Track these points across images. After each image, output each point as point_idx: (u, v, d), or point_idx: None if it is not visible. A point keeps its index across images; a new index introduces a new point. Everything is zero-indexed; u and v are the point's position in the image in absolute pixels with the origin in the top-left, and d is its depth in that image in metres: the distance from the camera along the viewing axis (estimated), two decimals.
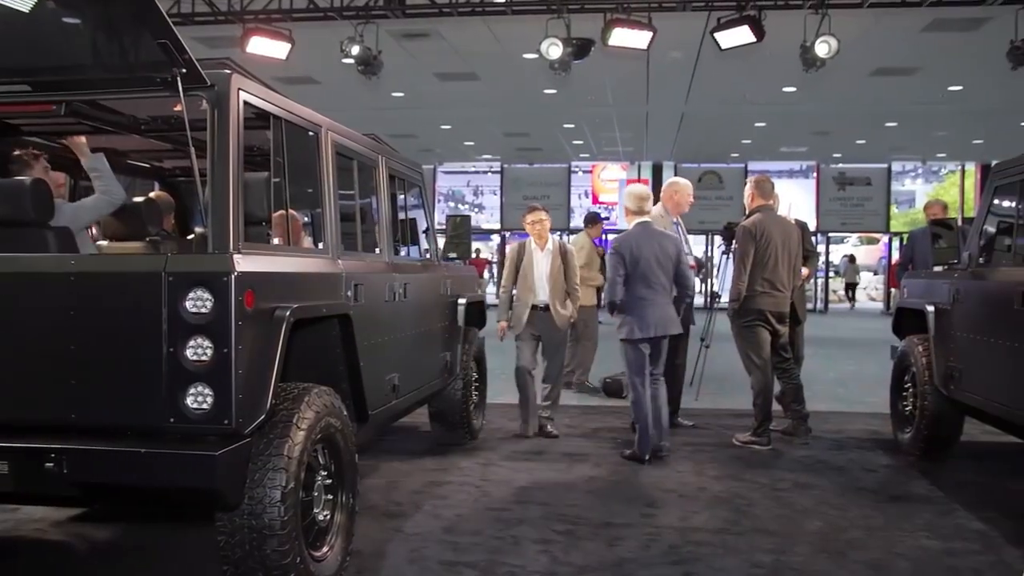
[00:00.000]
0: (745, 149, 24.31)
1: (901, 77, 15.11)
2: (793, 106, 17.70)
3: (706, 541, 4.59)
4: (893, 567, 4.26)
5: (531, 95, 16.90)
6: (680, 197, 7.35)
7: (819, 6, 10.32)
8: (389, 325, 5.00)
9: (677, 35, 12.08)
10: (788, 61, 11.38)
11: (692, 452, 6.69)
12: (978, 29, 11.94)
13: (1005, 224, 5.68)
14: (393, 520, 4.87)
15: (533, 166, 27.97)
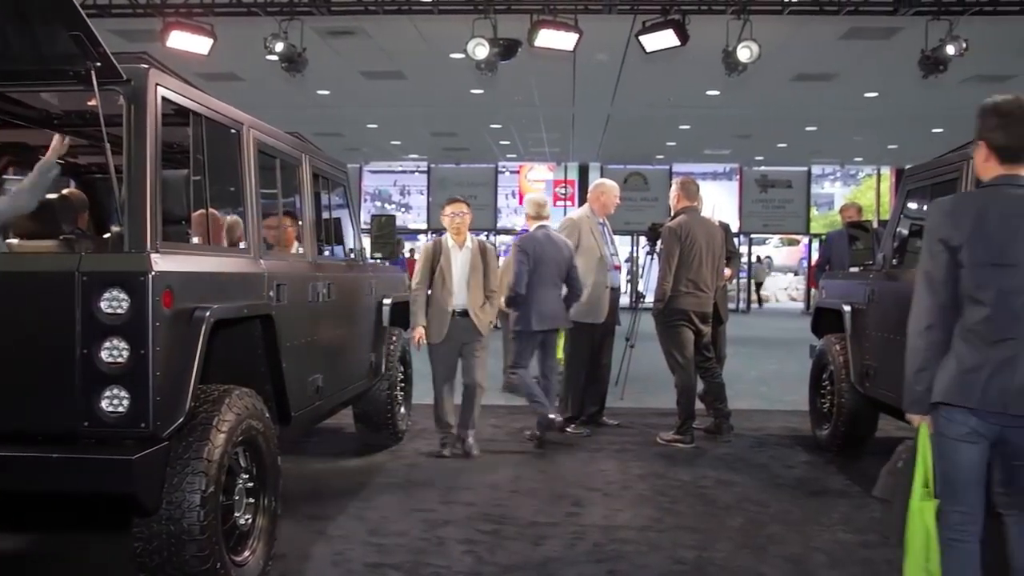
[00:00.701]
0: (670, 151, 24.65)
1: (820, 83, 15.48)
2: (716, 109, 18.00)
3: (630, 539, 4.64)
4: (811, 560, 4.36)
5: (458, 95, 16.87)
6: (606, 198, 7.42)
7: (741, 12, 10.51)
8: (312, 326, 4.94)
9: (603, 37, 12.18)
10: (711, 65, 11.57)
11: (617, 451, 6.75)
12: (892, 38, 12.30)
13: (917, 226, 5.85)
14: (317, 523, 4.81)
15: (460, 166, 27.93)
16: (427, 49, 13.48)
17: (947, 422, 2.99)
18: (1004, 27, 11.19)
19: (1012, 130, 2.99)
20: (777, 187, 27.42)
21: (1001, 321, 2.88)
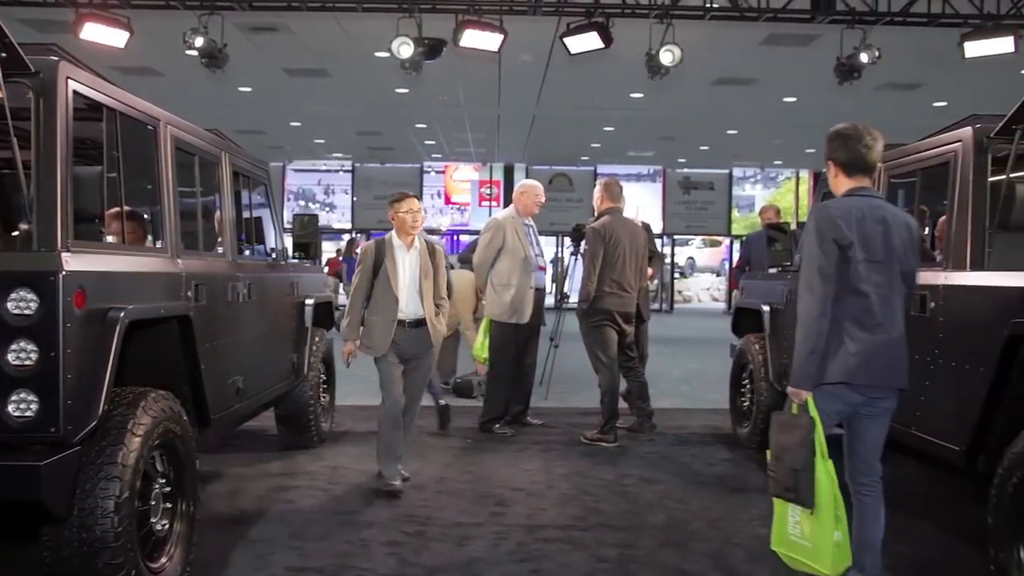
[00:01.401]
0: (595, 152, 24.87)
1: (741, 87, 15.78)
2: (640, 112, 18.21)
3: (553, 538, 4.66)
4: (731, 556, 4.44)
5: (383, 94, 16.75)
6: (528, 199, 7.45)
7: (664, 16, 10.65)
8: (232, 326, 4.85)
9: (528, 38, 12.23)
10: (635, 68, 11.70)
11: (541, 450, 6.78)
12: (809, 45, 12.61)
13: None
14: (237, 527, 4.72)
15: (385, 165, 27.72)
16: (351, 47, 13.36)
17: (827, 398, 3.51)
18: (914, 37, 11.56)
19: (851, 148, 3.62)
20: (699, 189, 27.88)
21: (877, 310, 3.45)
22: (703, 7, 10.77)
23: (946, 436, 4.10)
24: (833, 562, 3.44)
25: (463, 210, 28.44)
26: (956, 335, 4.11)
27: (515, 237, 7.25)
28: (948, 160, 4.37)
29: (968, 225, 4.13)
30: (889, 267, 3.49)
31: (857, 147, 3.61)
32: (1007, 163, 4.01)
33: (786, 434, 3.59)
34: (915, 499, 5.53)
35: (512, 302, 7.17)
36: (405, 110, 18.78)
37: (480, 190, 28.01)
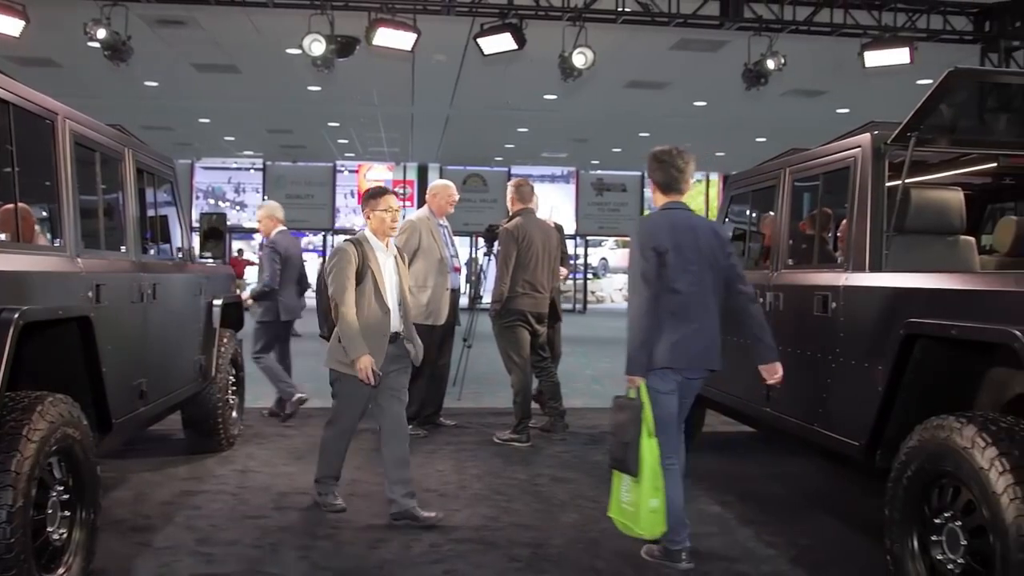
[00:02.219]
0: (508, 153, 24.96)
1: (653, 90, 16.03)
2: (554, 113, 18.35)
3: (466, 539, 4.65)
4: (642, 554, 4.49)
5: (295, 91, 16.51)
6: (441, 199, 7.42)
7: (576, 18, 10.76)
8: (136, 328, 4.71)
9: (442, 38, 12.20)
10: (549, 70, 11.78)
11: (454, 451, 6.77)
12: (718, 51, 12.89)
13: (740, 230, 6.16)
14: (141, 534, 4.59)
15: (297, 164, 27.34)
16: (262, 43, 13.13)
17: (661, 380, 4.18)
18: (818, 46, 11.93)
19: (666, 170, 4.28)
20: (612, 191, 28.23)
21: (691, 305, 4.12)
22: (615, 11, 10.91)
23: (847, 432, 4.23)
24: (649, 525, 4.16)
25: None
26: (856, 334, 4.24)
27: (430, 238, 7.22)
28: (848, 165, 4.51)
29: (867, 228, 4.26)
30: (700, 269, 4.14)
31: (671, 170, 4.27)
32: (903, 168, 4.16)
33: (621, 413, 4.26)
34: (819, 494, 5.71)
35: (428, 303, 7.13)
36: (317, 108, 18.55)
37: (394, 190, 27.82)
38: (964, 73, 3.84)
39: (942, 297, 3.55)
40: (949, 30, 11.78)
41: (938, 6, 11.59)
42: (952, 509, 3.32)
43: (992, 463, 3.04)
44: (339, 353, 4.86)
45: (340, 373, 4.92)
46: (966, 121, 4.33)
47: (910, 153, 4.09)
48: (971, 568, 3.21)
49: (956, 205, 4.33)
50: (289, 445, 6.85)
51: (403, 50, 10.62)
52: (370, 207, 5.01)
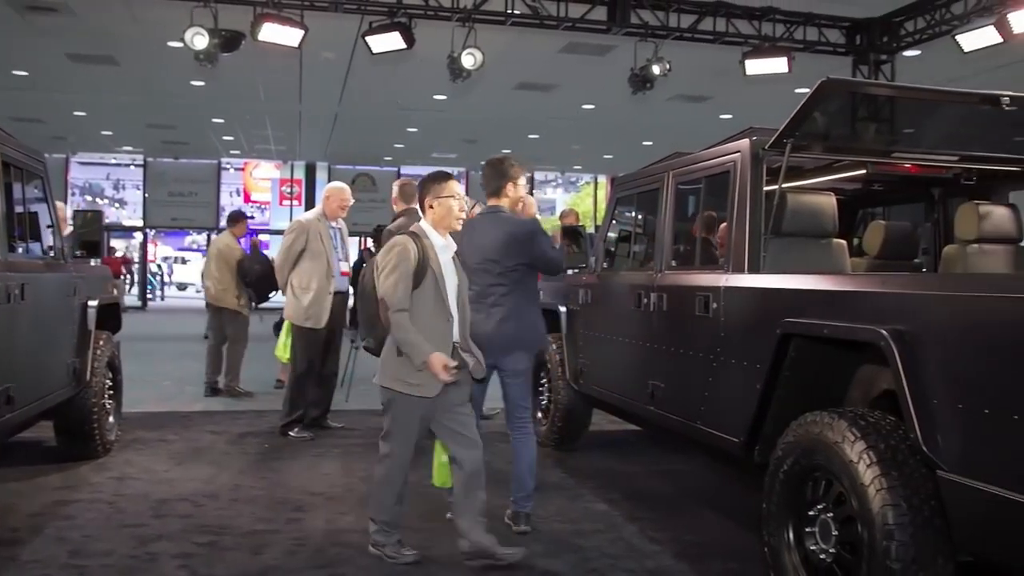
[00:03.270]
0: (398, 153, 24.80)
1: (542, 92, 16.17)
2: (444, 113, 18.32)
3: (353, 542, 4.59)
4: (529, 551, 4.51)
5: (177, 86, 16.02)
6: (334, 202, 7.35)
7: (466, 19, 10.77)
8: (2, 330, 4.49)
9: (330, 35, 12.04)
10: (438, 70, 11.75)
11: (341, 454, 6.68)
12: (606, 55, 13.10)
13: (625, 232, 6.26)
14: (7, 548, 4.37)
15: (179, 161, 26.53)
16: (142, 34, 12.70)
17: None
18: (702, 52, 12.25)
19: (488, 177, 4.88)
20: None
21: (488, 299, 4.69)
22: (504, 12, 10.97)
23: (727, 429, 4.35)
24: (438, 477, 4.74)
25: (264, 209, 27.66)
26: (735, 334, 4.37)
27: (318, 240, 7.13)
28: (728, 169, 4.64)
29: (746, 230, 4.39)
30: (493, 266, 4.69)
31: (491, 177, 4.88)
32: (780, 173, 4.30)
33: None
34: (702, 490, 5.86)
35: (309, 306, 7.04)
36: (201, 104, 18.03)
37: (281, 189, 27.33)
38: (836, 83, 3.99)
39: (815, 297, 3.69)
40: (824, 42, 12.29)
41: (814, 19, 12.07)
42: (824, 501, 3.45)
43: (860, 456, 3.17)
44: (396, 367, 4.09)
45: (396, 393, 4.14)
46: (838, 129, 4.51)
47: (786, 159, 4.24)
48: (841, 557, 3.35)
49: (829, 209, 4.50)
50: (170, 450, 6.65)
51: (290, 46, 10.43)
52: (432, 194, 4.26)
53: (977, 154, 4.74)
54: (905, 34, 12.09)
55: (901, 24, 12.09)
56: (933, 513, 3.05)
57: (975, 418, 2.88)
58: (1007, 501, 2.72)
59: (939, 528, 3.04)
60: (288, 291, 7.21)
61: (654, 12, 11.42)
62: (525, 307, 4.83)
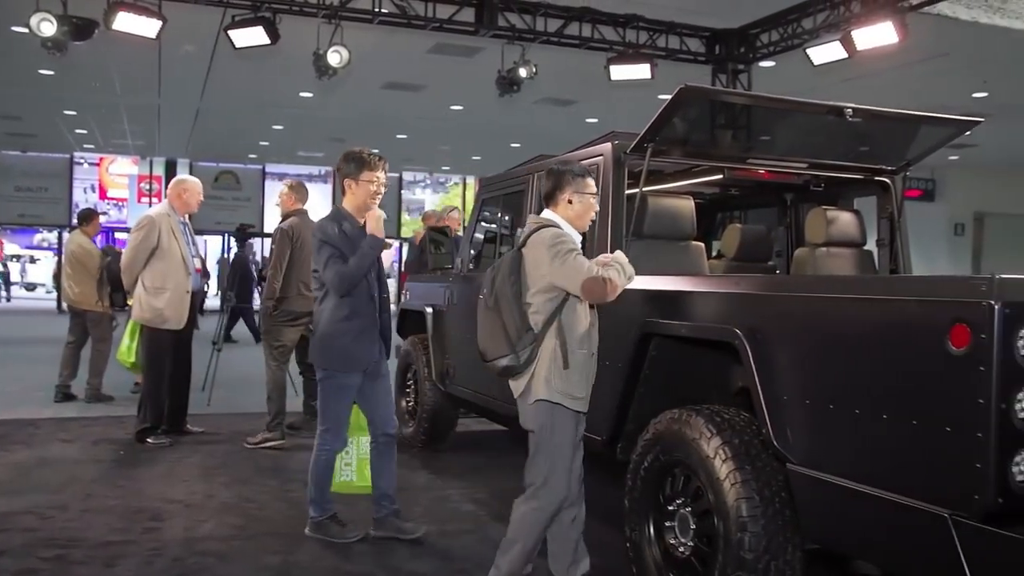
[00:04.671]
0: (263, 151, 24.21)
1: (410, 92, 16.07)
2: (310, 111, 17.98)
3: (213, 550, 4.47)
4: (395, 554, 4.51)
5: (23, 74, 15.13)
6: (188, 196, 7.11)
7: (332, 16, 10.60)
8: None
9: (191, 28, 11.66)
10: (304, 67, 11.52)
11: (201, 459, 6.48)
12: (474, 57, 13.13)
13: (491, 233, 6.30)
14: None
15: (27, 154, 25.10)
16: None
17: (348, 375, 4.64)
18: (569, 57, 12.44)
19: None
20: None
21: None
22: (372, 11, 10.86)
23: (591, 427, 4.42)
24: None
25: (121, 206, 26.53)
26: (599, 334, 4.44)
27: (170, 236, 6.87)
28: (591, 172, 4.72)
29: (608, 233, 4.48)
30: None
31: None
32: (641, 177, 4.41)
33: None
34: None
35: (166, 306, 6.80)
36: (50, 94, 17.08)
37: (139, 185, 26.28)
38: (693, 91, 4.12)
39: (674, 298, 3.80)
40: (685, 50, 12.67)
41: (676, 28, 12.43)
42: (683, 496, 3.57)
43: (716, 452, 3.29)
44: (564, 381, 3.66)
45: (561, 408, 3.70)
46: (696, 135, 4.66)
47: (647, 162, 4.35)
48: (699, 550, 3.46)
49: (688, 212, 4.65)
50: (13, 460, 6.30)
51: (147, 37, 10.03)
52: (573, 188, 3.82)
53: (825, 162, 4.99)
54: (760, 46, 12.59)
55: (757, 36, 12.58)
56: (784, 505, 3.20)
57: (821, 413, 3.02)
58: (850, 491, 2.87)
59: (789, 519, 3.19)
60: (139, 291, 6.90)
61: (521, 15, 11.52)
62: (321, 317, 4.62)
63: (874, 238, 5.27)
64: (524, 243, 3.72)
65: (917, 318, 2.69)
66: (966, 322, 2.49)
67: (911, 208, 5.49)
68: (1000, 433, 2.44)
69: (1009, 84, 14.22)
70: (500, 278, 3.68)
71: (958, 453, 2.53)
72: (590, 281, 3.54)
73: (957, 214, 24.30)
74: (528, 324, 3.60)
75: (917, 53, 11.49)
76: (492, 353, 3.66)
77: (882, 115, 4.51)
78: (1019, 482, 2.48)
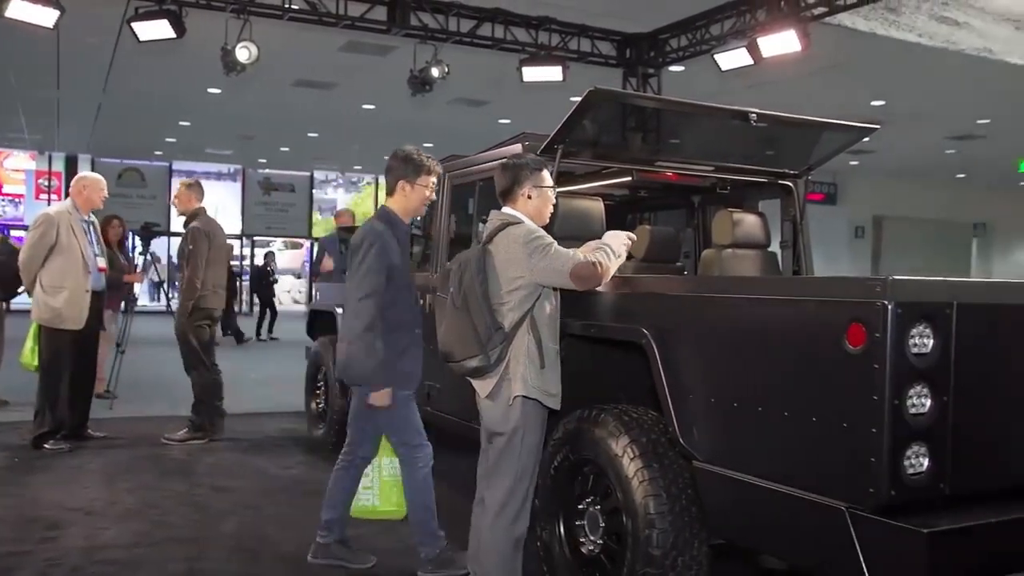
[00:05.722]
0: (169, 148, 23.60)
1: (321, 90, 15.87)
2: (218, 108, 17.59)
3: (115, 558, 4.34)
4: (304, 557, 4.43)
5: None
6: (90, 193, 6.89)
7: (241, 11, 10.39)
8: None
9: (92, 19, 11.29)
10: (212, 62, 11.27)
11: (103, 465, 6.28)
12: (387, 55, 13.04)
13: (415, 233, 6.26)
14: None
15: None
16: None
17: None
18: (481, 58, 12.46)
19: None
20: (280, 190, 27.63)
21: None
22: (282, 7, 10.69)
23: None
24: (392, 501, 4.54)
25: (17, 203, 25.54)
26: None
27: (70, 234, 6.64)
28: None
29: None
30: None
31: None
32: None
33: None
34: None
35: (64, 306, 6.58)
36: None
37: (38, 182, 25.34)
38: (602, 93, 4.17)
39: (584, 299, 3.83)
40: (597, 54, 12.81)
41: (588, 31, 12.56)
42: (593, 495, 3.61)
43: (625, 450, 3.34)
44: (539, 377, 3.55)
45: (531, 403, 3.58)
46: (606, 137, 4.71)
47: (557, 164, 4.38)
48: (608, 547, 3.51)
49: (597, 213, 4.69)
50: None
51: (44, 27, 9.66)
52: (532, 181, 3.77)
53: (731, 165, 5.11)
54: (670, 50, 12.80)
55: (667, 41, 12.80)
56: (690, 501, 3.26)
57: (725, 411, 3.10)
58: (753, 487, 2.95)
59: (695, 515, 3.26)
60: (37, 290, 6.66)
61: (434, 15, 11.49)
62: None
63: (778, 240, 5.41)
64: (490, 239, 3.63)
65: (816, 318, 2.78)
66: (862, 322, 2.58)
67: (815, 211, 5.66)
68: (893, 429, 2.54)
69: (904, 94, 14.81)
70: (468, 276, 3.54)
71: (854, 448, 2.62)
72: (580, 267, 3.44)
73: (857, 217, 25.21)
74: (498, 323, 3.50)
75: (819, 61, 11.84)
76: (460, 354, 3.53)
77: (785, 120, 4.64)
78: (911, 475, 2.58)
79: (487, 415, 3.65)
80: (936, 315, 2.61)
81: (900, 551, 2.53)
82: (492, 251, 3.59)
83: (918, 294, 2.61)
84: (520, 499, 3.59)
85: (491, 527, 3.60)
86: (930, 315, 2.60)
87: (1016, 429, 2.86)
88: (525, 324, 3.52)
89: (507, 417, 3.56)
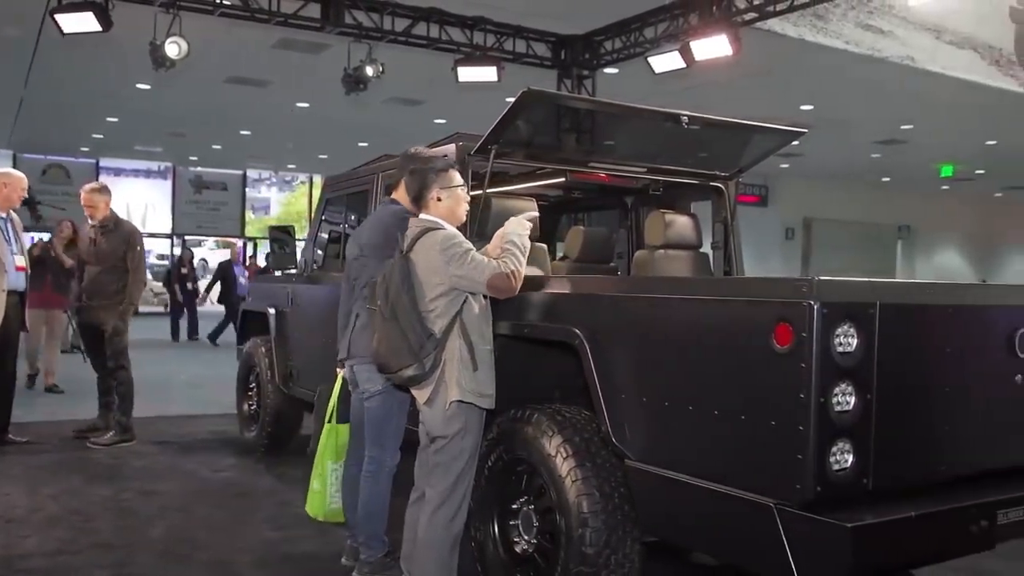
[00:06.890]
0: (96, 144, 23.01)
1: (254, 88, 15.63)
2: (147, 104, 17.19)
3: (37, 567, 4.22)
4: (236, 561, 4.38)
5: None
6: (10, 190, 6.71)
7: (171, 6, 10.19)
8: None
9: (12, 9, 10.98)
10: (141, 57, 11.03)
11: (25, 471, 6.11)
12: (321, 53, 12.90)
13: (335, 233, 6.21)
14: None
15: None
16: None
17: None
18: (417, 57, 12.40)
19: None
20: (212, 189, 27.13)
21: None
22: (212, 2, 10.51)
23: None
24: (309, 504, 4.42)
25: None
26: None
27: None
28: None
29: None
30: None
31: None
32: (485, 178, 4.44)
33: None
34: None
35: None
36: None
37: None
38: (536, 94, 4.18)
39: (517, 298, 3.83)
40: (532, 55, 12.86)
41: (523, 32, 12.60)
42: (527, 494, 3.63)
43: (558, 449, 3.36)
44: (474, 380, 3.53)
45: (467, 407, 3.57)
46: (540, 138, 4.72)
47: (491, 164, 4.38)
48: (542, 546, 3.52)
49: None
50: None
51: None
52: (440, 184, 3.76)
53: (663, 167, 5.16)
54: (604, 52, 12.90)
55: (601, 43, 12.89)
56: (623, 500, 3.29)
57: (656, 410, 3.13)
58: (684, 485, 2.99)
59: (628, 513, 3.29)
60: None
61: (368, 14, 11.40)
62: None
63: (710, 241, 5.49)
64: (411, 248, 3.60)
65: (745, 318, 2.82)
66: (789, 321, 2.63)
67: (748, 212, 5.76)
68: (819, 426, 2.60)
69: (832, 99, 15.15)
70: (394, 288, 3.51)
71: (781, 446, 2.67)
72: (495, 278, 3.46)
73: (788, 219, 25.71)
74: (428, 330, 3.49)
75: (750, 66, 12.04)
76: (395, 364, 3.51)
77: (716, 123, 4.71)
78: (836, 471, 2.64)
79: (428, 420, 3.64)
80: (860, 315, 2.67)
81: (825, 545, 2.58)
82: (414, 259, 3.58)
83: (843, 294, 2.67)
84: (459, 498, 3.59)
85: (429, 525, 3.59)
86: (854, 315, 2.66)
87: (936, 426, 2.95)
88: (456, 328, 3.51)
89: (447, 422, 3.55)
